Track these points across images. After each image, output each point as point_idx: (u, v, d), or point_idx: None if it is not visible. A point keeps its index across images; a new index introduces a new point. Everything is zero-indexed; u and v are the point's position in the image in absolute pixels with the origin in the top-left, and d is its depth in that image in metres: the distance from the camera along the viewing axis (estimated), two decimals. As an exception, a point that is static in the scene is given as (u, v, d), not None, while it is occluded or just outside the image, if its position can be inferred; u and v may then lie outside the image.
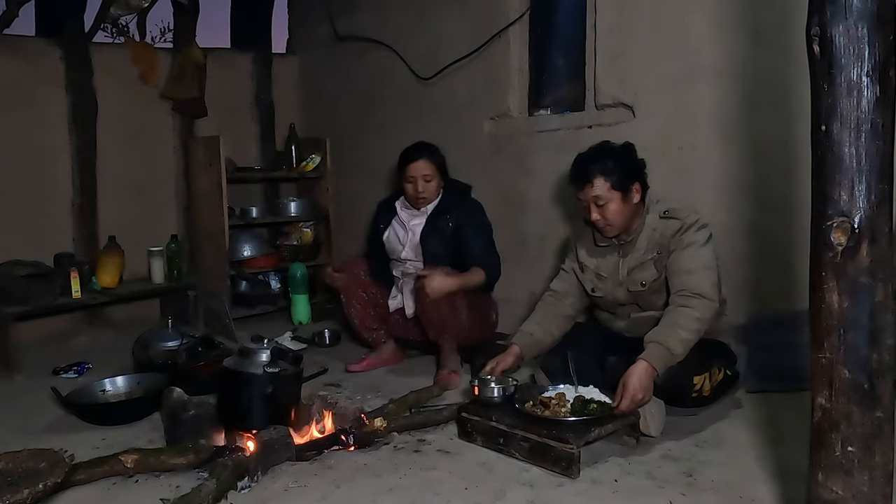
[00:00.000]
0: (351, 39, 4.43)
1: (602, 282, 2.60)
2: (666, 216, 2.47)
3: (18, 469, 1.70)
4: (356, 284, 3.24)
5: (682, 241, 2.42)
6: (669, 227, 2.45)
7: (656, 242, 2.48)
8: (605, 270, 2.59)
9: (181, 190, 4.45)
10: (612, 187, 2.43)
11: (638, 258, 2.50)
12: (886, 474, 1.37)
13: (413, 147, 3.21)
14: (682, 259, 2.40)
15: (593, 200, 2.45)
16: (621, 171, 2.44)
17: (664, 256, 2.45)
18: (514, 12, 3.61)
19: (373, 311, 3.26)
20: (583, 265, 2.66)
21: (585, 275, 2.65)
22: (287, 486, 2.04)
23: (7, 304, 3.37)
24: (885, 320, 1.34)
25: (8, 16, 3.92)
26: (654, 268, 2.48)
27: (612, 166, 2.44)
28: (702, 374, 2.38)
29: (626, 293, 2.55)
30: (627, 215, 2.48)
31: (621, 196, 2.44)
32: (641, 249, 2.50)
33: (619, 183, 2.43)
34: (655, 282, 2.48)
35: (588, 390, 2.32)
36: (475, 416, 2.32)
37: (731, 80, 2.87)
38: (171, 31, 4.80)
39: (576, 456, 2.03)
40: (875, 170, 1.31)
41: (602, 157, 2.46)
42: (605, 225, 2.48)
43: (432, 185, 3.16)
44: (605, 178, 2.42)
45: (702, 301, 2.31)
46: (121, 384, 2.85)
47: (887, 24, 1.29)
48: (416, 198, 3.17)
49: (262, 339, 2.34)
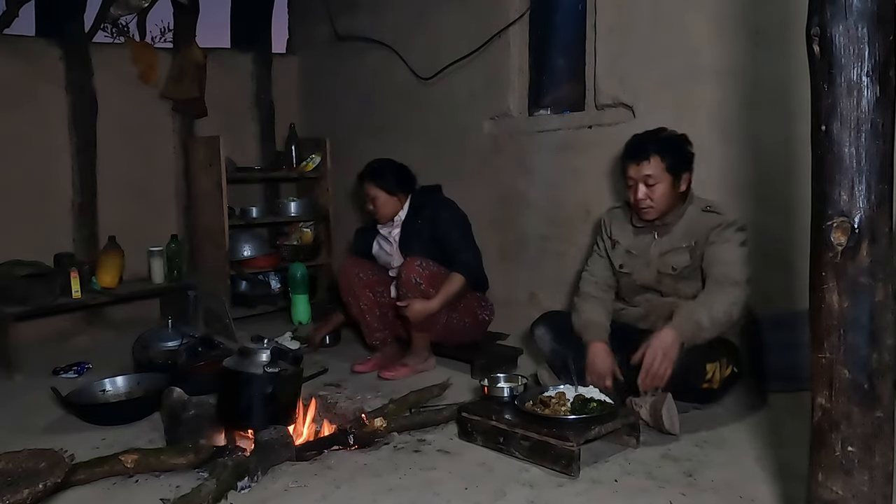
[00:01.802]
0: (351, 39, 4.43)
1: (632, 259, 2.62)
2: (708, 210, 2.52)
3: (18, 469, 1.70)
4: (362, 285, 3.24)
5: (722, 236, 2.45)
6: (710, 221, 2.49)
7: (694, 231, 2.51)
8: (636, 249, 2.61)
9: (181, 190, 4.45)
10: (666, 169, 2.46)
11: (673, 243, 2.54)
12: (886, 474, 1.37)
13: (365, 167, 3.31)
14: (720, 251, 2.44)
15: (644, 179, 2.47)
16: (678, 156, 2.49)
17: (700, 246, 2.49)
18: (514, 12, 3.61)
19: (378, 310, 3.26)
20: (615, 242, 2.68)
21: (616, 251, 2.67)
22: (287, 486, 2.04)
23: (7, 304, 3.37)
24: (885, 320, 1.34)
25: (8, 16, 3.92)
26: (688, 255, 2.51)
27: (670, 149, 2.48)
28: (714, 363, 2.39)
29: (654, 275, 2.57)
30: (671, 202, 2.51)
31: (672, 181, 2.47)
32: (678, 235, 2.54)
33: (673, 167, 2.47)
34: (686, 268, 2.51)
35: (588, 390, 2.33)
36: (475, 416, 2.32)
37: (731, 80, 2.87)
38: (171, 31, 4.80)
39: (576, 454, 2.04)
40: (875, 170, 1.31)
41: (662, 139, 2.50)
42: (648, 206, 2.50)
43: (382, 203, 3.25)
44: (662, 159, 2.45)
45: (734, 287, 2.37)
46: (121, 384, 2.85)
47: (887, 24, 1.29)
48: (373, 214, 3.29)
49: (262, 339, 2.34)
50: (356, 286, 3.23)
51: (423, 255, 3.08)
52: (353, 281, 3.24)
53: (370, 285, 3.25)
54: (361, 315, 3.27)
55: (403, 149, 4.20)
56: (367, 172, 3.29)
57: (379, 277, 3.29)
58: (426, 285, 2.99)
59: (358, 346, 3.53)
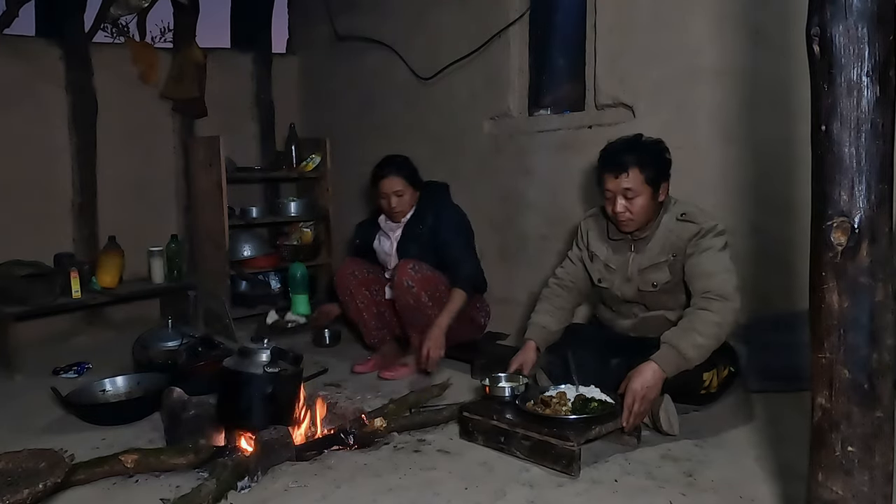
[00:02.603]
0: (351, 39, 4.43)
1: (611, 274, 2.58)
2: (683, 219, 2.43)
3: (18, 469, 1.70)
4: (358, 283, 3.23)
5: (700, 245, 2.37)
6: (686, 231, 2.41)
7: (671, 244, 2.44)
8: (614, 263, 2.57)
9: (181, 190, 4.45)
10: (646, 181, 2.38)
11: (651, 258, 2.47)
12: (886, 474, 1.37)
13: (382, 163, 3.24)
14: (701, 263, 2.36)
15: (623, 192, 2.40)
16: (656, 166, 2.41)
17: (679, 260, 2.42)
18: (514, 12, 3.61)
19: (375, 308, 3.26)
20: (592, 254, 2.64)
21: (594, 264, 2.63)
22: (287, 486, 2.04)
23: (7, 304, 3.37)
24: (885, 320, 1.34)
25: (8, 16, 3.92)
26: (667, 270, 2.45)
27: (649, 160, 2.40)
28: (710, 371, 2.40)
29: (634, 291, 2.53)
30: (650, 213, 2.44)
31: (651, 192, 2.40)
32: (655, 250, 2.47)
33: (652, 178, 2.39)
34: (667, 284, 2.46)
35: (589, 390, 2.33)
36: (476, 416, 2.32)
37: (731, 80, 2.87)
38: (171, 31, 4.79)
39: (576, 453, 2.04)
40: (875, 170, 1.31)
41: (640, 150, 2.42)
42: (627, 219, 2.43)
43: (405, 198, 3.19)
44: (641, 170, 2.38)
45: (724, 304, 2.26)
46: (121, 384, 2.85)
47: (887, 24, 1.29)
48: (390, 213, 3.22)
49: (262, 339, 2.34)
50: (352, 285, 3.22)
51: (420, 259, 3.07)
52: (348, 280, 3.23)
53: (366, 284, 3.24)
54: (359, 314, 3.26)
55: (403, 149, 4.18)
56: (392, 166, 3.20)
57: (375, 276, 3.29)
58: (417, 288, 2.98)
59: (358, 347, 3.53)
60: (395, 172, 3.17)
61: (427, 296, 2.99)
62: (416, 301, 2.98)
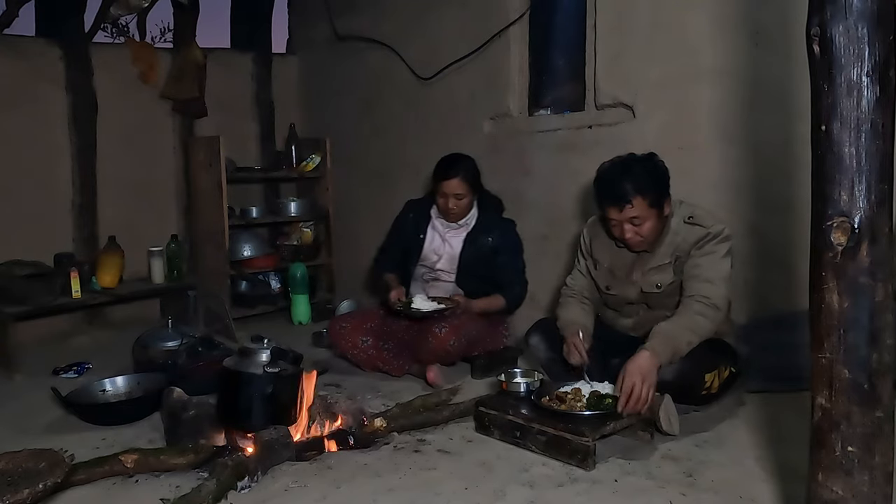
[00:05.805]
0: (351, 39, 4.43)
1: (616, 279, 2.58)
2: (690, 222, 2.42)
3: (18, 469, 1.70)
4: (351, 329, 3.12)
5: (704, 248, 2.39)
6: (693, 234, 2.41)
7: (677, 246, 2.44)
8: (619, 267, 2.57)
9: (181, 190, 4.45)
10: (650, 205, 2.34)
11: (657, 259, 2.47)
12: (886, 474, 1.37)
13: (449, 162, 3.15)
14: (701, 265, 2.37)
15: (630, 220, 2.36)
16: (657, 189, 2.36)
17: (682, 261, 2.43)
18: (514, 12, 3.61)
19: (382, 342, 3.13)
20: (597, 262, 2.64)
21: (599, 272, 2.63)
22: (287, 486, 2.04)
23: (7, 304, 3.37)
24: (885, 320, 1.34)
25: (8, 16, 3.92)
26: (671, 271, 2.46)
27: (650, 184, 2.34)
28: (712, 372, 2.40)
29: (637, 293, 2.53)
30: (660, 228, 2.43)
31: (657, 213, 2.38)
32: (661, 252, 2.47)
33: (656, 201, 2.35)
34: (671, 285, 2.47)
35: (603, 386, 2.36)
36: (493, 411, 2.36)
37: (731, 80, 2.87)
38: (171, 31, 4.79)
39: (591, 448, 2.08)
40: (875, 170, 1.31)
41: (637, 175, 2.34)
42: (638, 242, 2.42)
43: (464, 202, 3.14)
44: (643, 198, 2.33)
45: (717, 314, 2.32)
46: (121, 384, 2.84)
47: (887, 24, 1.29)
48: (447, 213, 3.16)
49: (262, 339, 2.34)
50: (348, 334, 3.11)
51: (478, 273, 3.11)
52: (341, 334, 3.13)
53: (357, 328, 3.13)
54: (370, 361, 3.12)
55: (403, 149, 4.22)
56: (458, 168, 3.10)
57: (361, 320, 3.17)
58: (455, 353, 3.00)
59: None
60: (461, 176, 3.10)
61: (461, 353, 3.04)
62: (448, 355, 2.99)
